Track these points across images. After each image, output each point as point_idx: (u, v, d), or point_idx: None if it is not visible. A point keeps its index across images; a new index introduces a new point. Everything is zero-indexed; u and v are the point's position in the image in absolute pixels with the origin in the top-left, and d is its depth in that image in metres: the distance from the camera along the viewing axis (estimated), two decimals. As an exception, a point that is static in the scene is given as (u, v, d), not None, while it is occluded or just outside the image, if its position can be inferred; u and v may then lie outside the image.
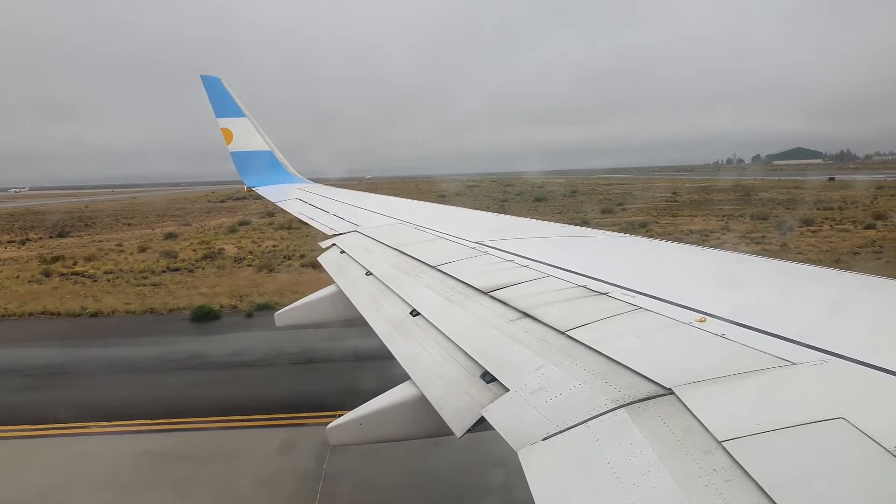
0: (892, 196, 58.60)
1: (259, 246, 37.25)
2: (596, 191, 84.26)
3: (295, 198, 13.37)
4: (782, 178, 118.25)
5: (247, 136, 15.61)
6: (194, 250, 35.65)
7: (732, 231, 36.21)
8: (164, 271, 29.07)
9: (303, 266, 28.21)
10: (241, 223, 51.60)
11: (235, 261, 31.44)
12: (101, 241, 43.90)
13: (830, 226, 38.35)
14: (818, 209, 48.85)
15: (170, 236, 43.96)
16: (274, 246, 36.78)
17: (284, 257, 31.77)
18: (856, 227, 37.43)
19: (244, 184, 15.83)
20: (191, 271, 28.95)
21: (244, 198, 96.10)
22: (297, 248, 34.20)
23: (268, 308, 20.55)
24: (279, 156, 16.39)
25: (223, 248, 36.31)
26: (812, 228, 37.39)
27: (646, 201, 64.43)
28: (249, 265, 29.86)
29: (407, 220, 8.77)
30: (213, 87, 15.11)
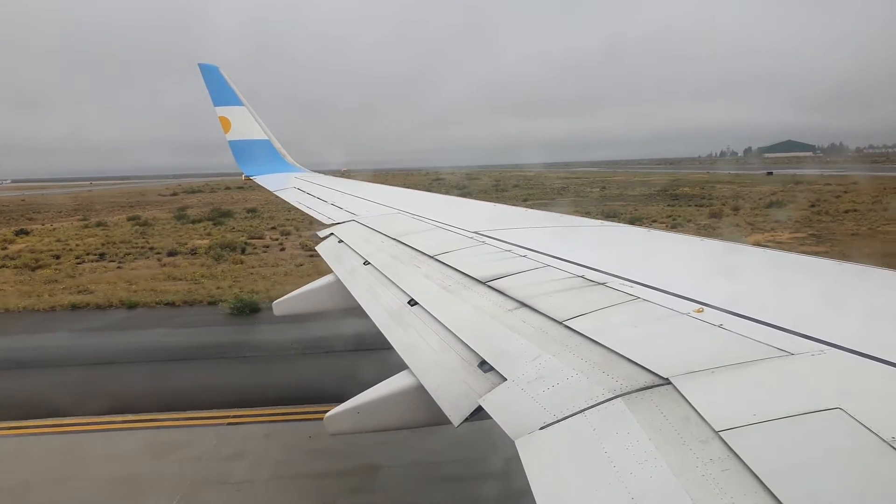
0: (805, 191, 60.31)
1: (62, 244, 36.04)
2: (542, 185, 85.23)
3: (293, 187, 13.33)
4: (741, 171, 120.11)
5: (245, 124, 15.53)
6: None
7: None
8: None
9: (24, 266, 28.36)
10: (131, 218, 50.67)
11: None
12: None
13: (657, 221, 38.37)
14: (695, 205, 49.39)
15: (21, 233, 42.67)
16: (63, 245, 35.59)
17: (34, 258, 30.60)
18: (673, 223, 37.65)
19: (242, 174, 15.79)
20: None
21: (199, 191, 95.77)
22: (93, 248, 33.59)
23: None
24: (277, 145, 16.32)
25: (6, 248, 35.12)
26: (636, 224, 37.12)
27: (563, 195, 65.57)
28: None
29: (405, 209, 8.75)
30: (211, 76, 15.02)
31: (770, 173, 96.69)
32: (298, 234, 37.28)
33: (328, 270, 6.42)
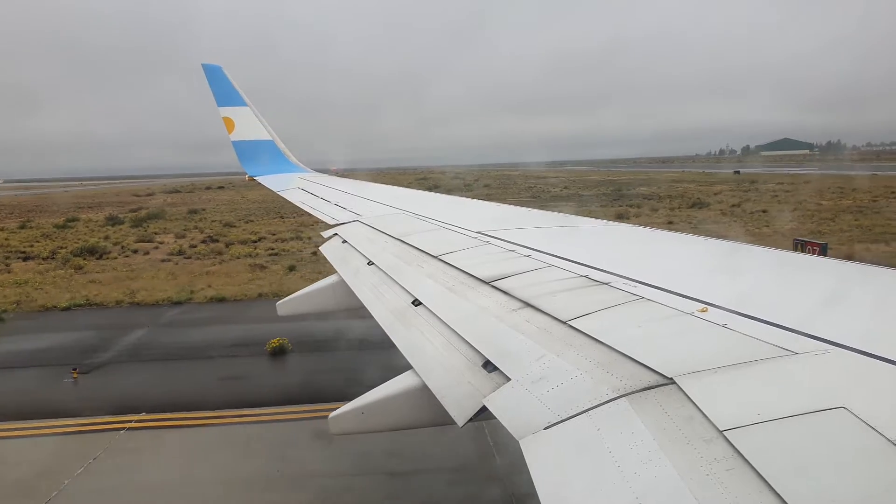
0: (750, 190, 60.72)
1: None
2: (514, 184, 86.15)
3: (297, 187, 13.36)
4: (716, 170, 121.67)
5: (249, 125, 15.55)
6: None
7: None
8: None
9: None
10: (70, 220, 50.15)
11: None
12: None
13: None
14: (626, 205, 49.57)
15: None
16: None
17: None
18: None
19: (246, 173, 15.81)
20: None
21: (177, 191, 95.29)
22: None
23: None
24: (281, 145, 16.34)
25: None
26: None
27: (520, 195, 66.06)
28: None
29: (409, 209, 8.77)
30: (215, 76, 15.04)
31: (737, 172, 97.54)
32: (198, 237, 37.52)
33: (164, 276, 6.23)
